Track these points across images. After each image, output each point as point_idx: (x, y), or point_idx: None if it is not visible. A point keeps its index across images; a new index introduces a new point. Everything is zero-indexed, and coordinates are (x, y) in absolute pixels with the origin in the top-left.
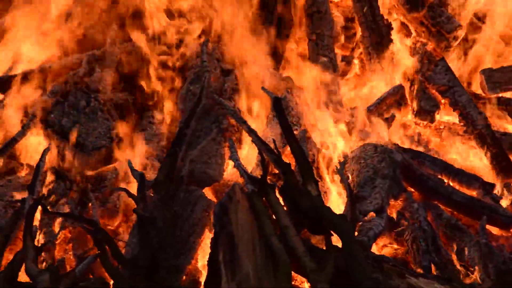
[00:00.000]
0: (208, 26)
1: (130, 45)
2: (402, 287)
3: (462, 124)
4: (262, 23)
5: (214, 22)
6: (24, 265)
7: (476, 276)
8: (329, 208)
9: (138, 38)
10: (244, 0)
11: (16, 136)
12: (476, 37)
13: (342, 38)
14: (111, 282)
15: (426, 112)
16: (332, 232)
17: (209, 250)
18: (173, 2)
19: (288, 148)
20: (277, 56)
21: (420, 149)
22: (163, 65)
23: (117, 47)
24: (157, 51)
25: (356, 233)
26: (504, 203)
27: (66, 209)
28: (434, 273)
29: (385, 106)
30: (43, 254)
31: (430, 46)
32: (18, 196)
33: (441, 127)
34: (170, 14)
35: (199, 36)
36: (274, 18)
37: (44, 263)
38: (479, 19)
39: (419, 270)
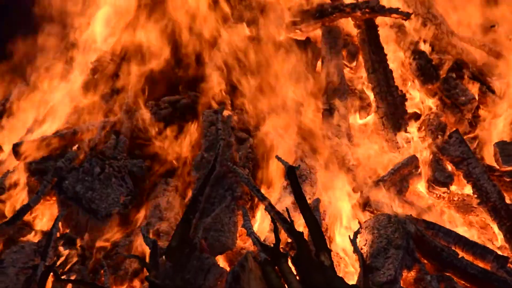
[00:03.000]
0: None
1: (145, 112)
2: None
3: (475, 196)
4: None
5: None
6: None
7: None
8: (342, 279)
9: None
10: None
11: (30, 202)
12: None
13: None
14: None
15: (440, 183)
16: None
17: None
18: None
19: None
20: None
21: (434, 220)
22: (177, 135)
23: (132, 114)
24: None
25: None
26: None
27: (78, 276)
28: None
29: (398, 177)
30: None
31: (444, 118)
32: (30, 262)
33: (455, 198)
34: None
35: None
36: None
37: None
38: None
39: None
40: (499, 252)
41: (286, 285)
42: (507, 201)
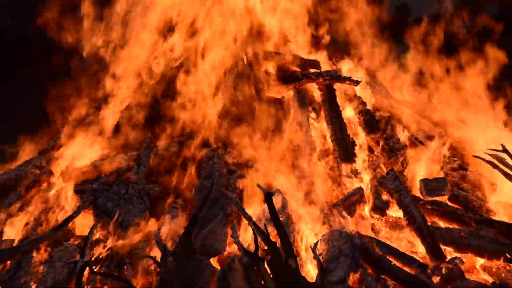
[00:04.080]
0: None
1: (159, 149)
2: None
3: (405, 218)
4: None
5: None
6: None
7: None
8: (304, 278)
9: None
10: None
11: (73, 214)
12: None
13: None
14: None
15: (379, 208)
16: None
17: None
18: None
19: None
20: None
21: (374, 235)
22: (183, 166)
23: (150, 150)
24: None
25: None
26: (435, 280)
27: (107, 270)
28: None
29: (348, 202)
30: None
31: (383, 159)
32: (72, 259)
33: (390, 220)
34: None
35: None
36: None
37: None
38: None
39: None
40: (422, 261)
41: (262, 282)
42: (428, 223)
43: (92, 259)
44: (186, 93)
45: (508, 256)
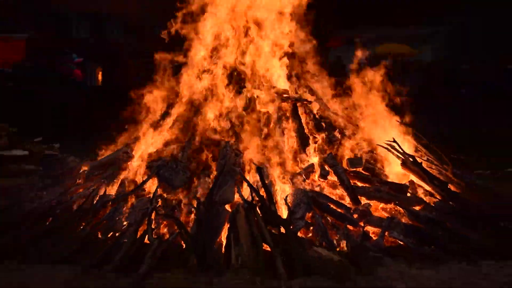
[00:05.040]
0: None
1: (196, 141)
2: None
3: (338, 181)
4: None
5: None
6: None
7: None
8: (280, 216)
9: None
10: None
11: (145, 181)
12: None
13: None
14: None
15: (323, 175)
16: (282, 226)
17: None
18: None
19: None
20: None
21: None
22: (213, 154)
23: (190, 142)
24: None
25: (291, 227)
26: (355, 216)
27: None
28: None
29: (305, 172)
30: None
31: (325, 147)
32: (145, 206)
33: (330, 182)
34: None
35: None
36: None
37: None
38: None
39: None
40: (347, 205)
41: (256, 219)
42: (351, 183)
43: (156, 206)
44: (213, 109)
45: (397, 202)
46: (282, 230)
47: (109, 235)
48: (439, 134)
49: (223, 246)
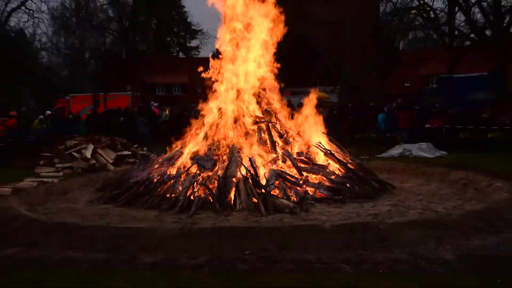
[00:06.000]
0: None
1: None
2: None
3: (294, 166)
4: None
5: None
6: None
7: None
8: (262, 184)
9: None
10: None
11: (190, 166)
12: None
13: None
14: None
15: (284, 161)
16: (262, 188)
17: None
18: None
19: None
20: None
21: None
22: (225, 151)
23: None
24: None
25: (267, 189)
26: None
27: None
28: None
29: (271, 161)
30: None
31: (284, 146)
32: (190, 180)
33: (287, 165)
34: None
35: None
36: None
37: None
38: None
39: None
40: (297, 177)
41: (250, 189)
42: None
43: (197, 179)
44: (224, 128)
45: (322, 174)
46: (263, 190)
47: (173, 195)
48: (339, 138)
49: (232, 199)
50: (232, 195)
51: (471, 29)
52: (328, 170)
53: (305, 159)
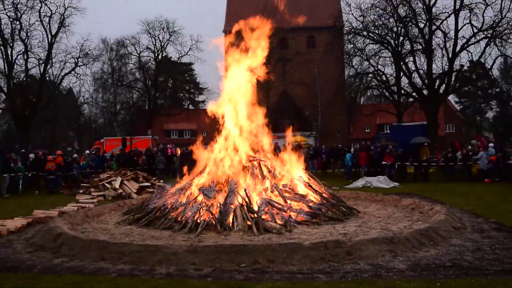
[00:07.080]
0: None
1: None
2: None
3: (279, 194)
4: None
5: None
6: None
7: None
8: (254, 209)
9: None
10: None
11: (196, 197)
12: None
13: None
14: None
15: (272, 191)
16: (254, 213)
17: None
18: None
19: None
20: None
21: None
22: (225, 184)
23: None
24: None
25: (259, 213)
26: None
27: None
28: None
29: (261, 192)
30: None
31: (272, 179)
32: (197, 206)
33: (274, 194)
34: None
35: None
36: None
37: None
38: None
39: None
40: (283, 204)
41: (246, 211)
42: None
43: (202, 205)
44: (223, 165)
45: (302, 201)
46: (255, 215)
47: (183, 218)
48: (315, 173)
49: (230, 222)
50: (230, 218)
51: (413, 89)
52: (307, 198)
53: (289, 190)
